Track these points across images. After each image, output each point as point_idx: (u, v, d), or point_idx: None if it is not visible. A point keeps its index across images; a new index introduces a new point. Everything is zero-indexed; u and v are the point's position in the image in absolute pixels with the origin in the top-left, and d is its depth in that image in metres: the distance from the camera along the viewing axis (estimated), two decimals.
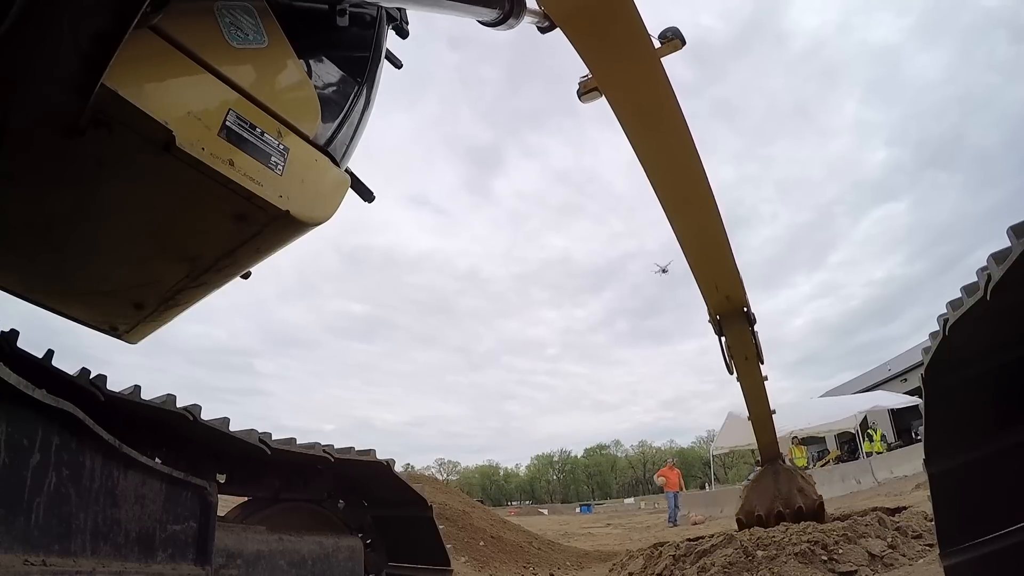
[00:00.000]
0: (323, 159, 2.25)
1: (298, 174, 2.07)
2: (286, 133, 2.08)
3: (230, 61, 1.93)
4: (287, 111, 2.10)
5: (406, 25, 3.09)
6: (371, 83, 2.66)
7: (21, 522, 1.76)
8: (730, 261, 5.12)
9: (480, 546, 10.21)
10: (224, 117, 1.86)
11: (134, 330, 2.50)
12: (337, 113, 2.40)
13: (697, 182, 4.36)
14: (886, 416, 25.04)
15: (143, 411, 2.60)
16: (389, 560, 4.27)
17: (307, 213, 2.08)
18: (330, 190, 2.26)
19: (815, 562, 5.57)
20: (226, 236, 2.05)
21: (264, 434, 3.08)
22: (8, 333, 2.59)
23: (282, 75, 2.16)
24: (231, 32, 1.98)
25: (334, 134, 2.34)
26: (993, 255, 1.86)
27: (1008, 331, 2.32)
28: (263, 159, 1.95)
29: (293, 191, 2.03)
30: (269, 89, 2.05)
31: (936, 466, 2.98)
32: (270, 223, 2.03)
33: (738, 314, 5.64)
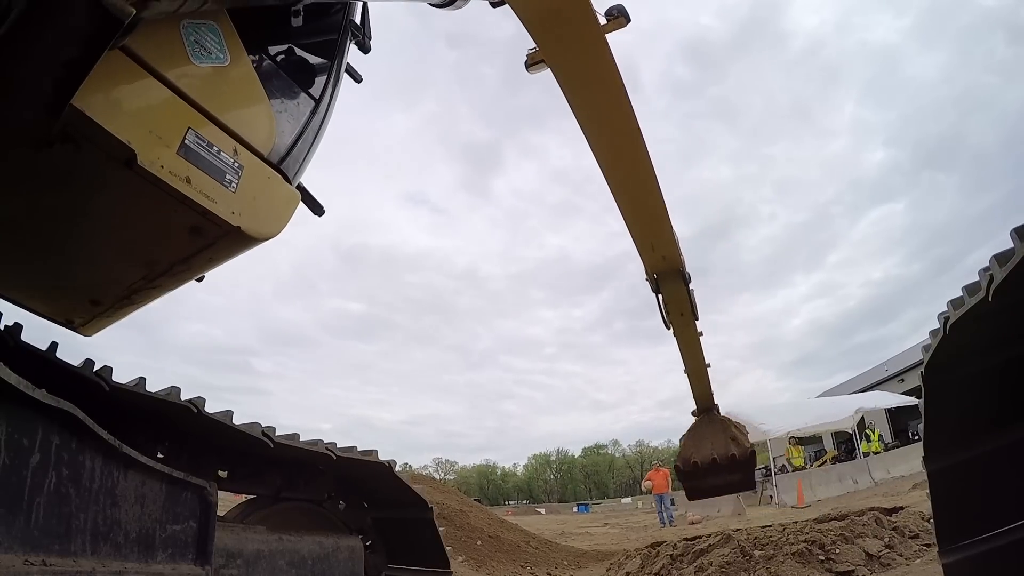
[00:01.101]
0: (275, 176, 2.35)
1: (251, 191, 2.17)
2: (241, 151, 2.18)
3: (192, 79, 2.01)
4: (243, 129, 2.19)
5: (368, 40, 3.19)
6: (328, 100, 2.77)
7: (21, 522, 1.76)
8: (667, 224, 5.36)
9: (478, 546, 10.21)
10: (183, 135, 1.95)
11: (89, 324, 2.60)
12: (292, 131, 2.50)
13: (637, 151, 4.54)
14: (883, 416, 25.12)
15: (147, 403, 2.59)
16: (389, 561, 4.27)
17: (257, 229, 2.20)
18: (280, 207, 2.38)
19: (812, 562, 5.58)
20: (181, 245, 2.15)
21: (267, 428, 3.08)
22: (12, 327, 2.59)
23: (241, 93, 2.24)
24: (195, 50, 2.05)
25: (288, 152, 2.44)
26: (996, 256, 1.87)
27: (1008, 329, 2.33)
28: (218, 177, 2.05)
29: (245, 208, 2.13)
30: (227, 107, 2.14)
31: (935, 464, 2.99)
32: (222, 237, 2.14)
33: (674, 273, 5.90)
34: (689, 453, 6.91)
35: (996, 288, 1.87)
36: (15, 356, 1.77)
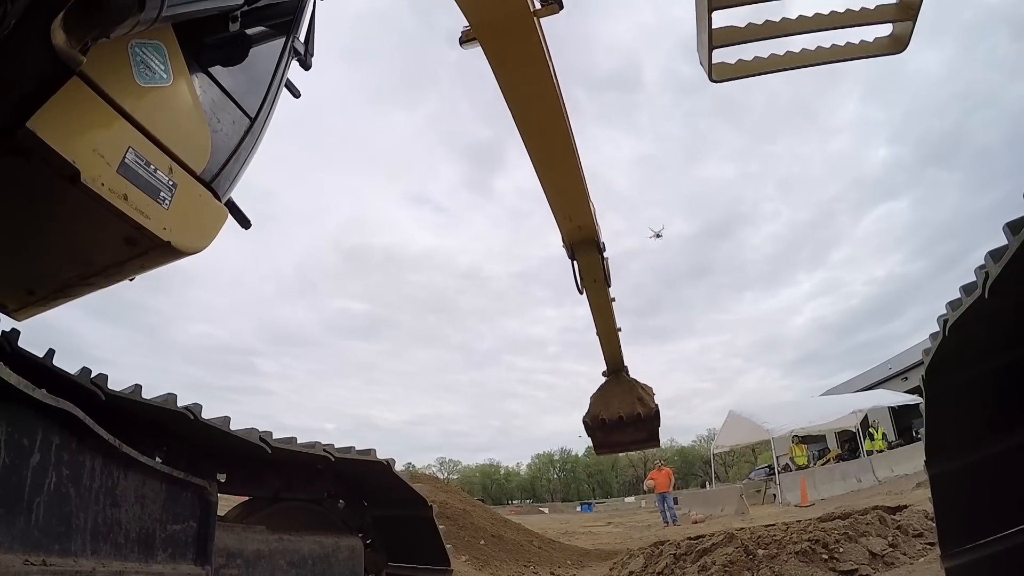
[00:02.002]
0: (206, 194, 2.48)
1: (182, 208, 2.31)
2: (176, 169, 2.30)
3: (135, 99, 2.12)
4: (180, 148, 2.31)
5: (310, 57, 3.31)
6: (264, 118, 2.89)
7: (21, 522, 1.76)
8: (585, 198, 5.65)
9: (481, 545, 10.22)
10: (124, 154, 2.07)
11: (22, 311, 2.69)
12: (227, 149, 2.62)
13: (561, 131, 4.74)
14: (887, 415, 25.03)
15: (144, 410, 2.61)
16: (389, 560, 4.28)
17: (185, 244, 2.35)
18: (208, 224, 2.51)
19: (816, 561, 5.57)
20: (116, 252, 2.29)
21: (265, 433, 3.08)
22: (9, 333, 2.60)
23: (180, 113, 2.36)
24: (140, 70, 2.15)
25: (220, 170, 2.56)
26: (991, 253, 1.85)
27: (1008, 332, 2.32)
28: (153, 194, 2.18)
29: (175, 224, 2.27)
30: (166, 127, 2.25)
31: (937, 467, 2.97)
32: (153, 248, 2.28)
33: (589, 242, 6.28)
34: (598, 411, 7.32)
35: (992, 285, 1.86)
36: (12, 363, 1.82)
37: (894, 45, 2.41)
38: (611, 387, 7.42)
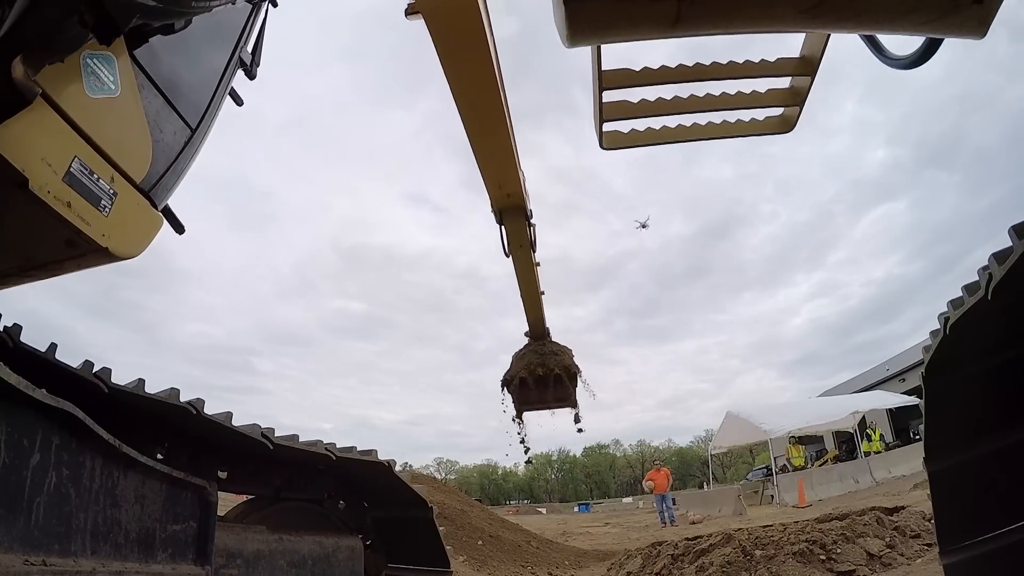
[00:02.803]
0: (144, 202, 2.59)
1: (121, 215, 2.42)
2: (117, 178, 2.40)
3: (84, 110, 2.21)
4: (122, 158, 2.41)
5: (256, 67, 3.44)
6: (206, 128, 3.01)
7: (21, 522, 1.76)
8: (515, 166, 5.97)
9: (478, 545, 10.22)
10: (70, 163, 2.17)
11: None
12: (167, 159, 2.72)
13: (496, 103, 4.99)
14: (884, 416, 25.09)
15: (147, 405, 2.60)
16: (389, 561, 4.28)
17: (121, 250, 2.46)
18: (144, 231, 2.64)
19: (813, 561, 5.58)
20: (56, 250, 2.38)
21: (267, 430, 3.07)
22: (11, 328, 2.60)
23: (125, 124, 2.46)
24: (90, 82, 2.24)
25: (159, 179, 2.68)
26: (995, 254, 1.87)
27: (1008, 329, 2.33)
28: (94, 202, 2.29)
29: (114, 231, 2.38)
30: (111, 137, 2.34)
31: (936, 464, 2.98)
32: (91, 252, 2.39)
33: (518, 209, 6.63)
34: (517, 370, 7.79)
35: (995, 287, 1.87)
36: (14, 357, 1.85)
37: (783, 125, 2.51)
38: (532, 349, 7.87)
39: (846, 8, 1.19)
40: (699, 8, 1.08)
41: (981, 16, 1.30)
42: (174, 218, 2.95)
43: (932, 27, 1.34)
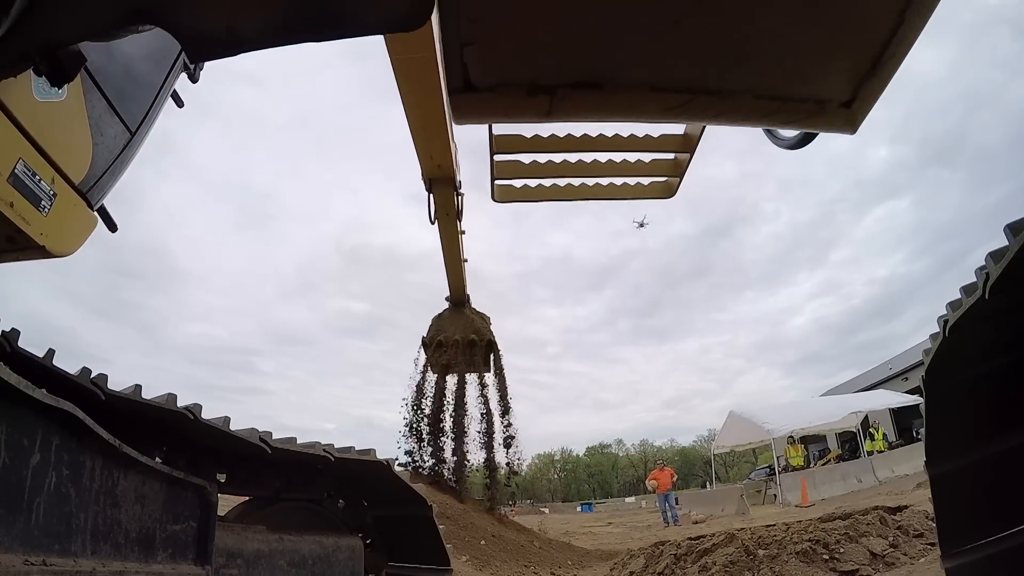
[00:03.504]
0: (81, 203, 2.68)
1: (59, 216, 2.51)
2: (58, 180, 2.48)
3: (31, 114, 2.28)
4: (64, 160, 2.49)
5: (199, 71, 3.53)
6: (145, 131, 3.09)
7: (21, 522, 1.77)
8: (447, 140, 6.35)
9: (481, 545, 10.21)
10: (15, 165, 2.24)
11: None
12: (105, 161, 2.80)
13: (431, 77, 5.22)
14: (887, 415, 25.00)
15: (144, 410, 2.61)
16: (389, 560, 4.28)
17: (57, 248, 2.56)
18: (79, 230, 2.74)
19: (816, 561, 5.57)
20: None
21: (265, 433, 3.08)
22: (9, 332, 2.60)
23: (68, 128, 2.54)
24: (39, 85, 2.29)
25: (97, 181, 2.76)
26: (991, 253, 1.86)
27: (1008, 332, 2.32)
28: (35, 202, 2.37)
29: (51, 230, 2.47)
30: (54, 140, 2.42)
31: (937, 468, 2.97)
32: (29, 249, 2.49)
33: (447, 179, 7.06)
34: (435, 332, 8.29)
35: (993, 286, 1.86)
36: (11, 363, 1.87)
37: (665, 191, 2.61)
38: (452, 314, 8.24)
39: (710, 108, 1.26)
40: (569, 104, 1.17)
41: (849, 117, 1.34)
42: (108, 217, 3.05)
43: (799, 125, 1.40)
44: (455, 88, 1.11)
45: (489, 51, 1.04)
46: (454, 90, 1.11)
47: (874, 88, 1.28)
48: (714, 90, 1.21)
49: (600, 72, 1.13)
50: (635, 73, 1.15)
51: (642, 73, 1.16)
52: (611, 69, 1.13)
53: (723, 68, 1.17)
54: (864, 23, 1.12)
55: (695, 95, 1.21)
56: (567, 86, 1.14)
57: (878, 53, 1.19)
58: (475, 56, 1.05)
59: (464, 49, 1.03)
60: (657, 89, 1.19)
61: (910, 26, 1.14)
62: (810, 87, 1.26)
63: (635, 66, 1.14)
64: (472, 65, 1.07)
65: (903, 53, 1.21)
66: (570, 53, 1.08)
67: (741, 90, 1.23)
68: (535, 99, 1.13)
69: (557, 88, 1.14)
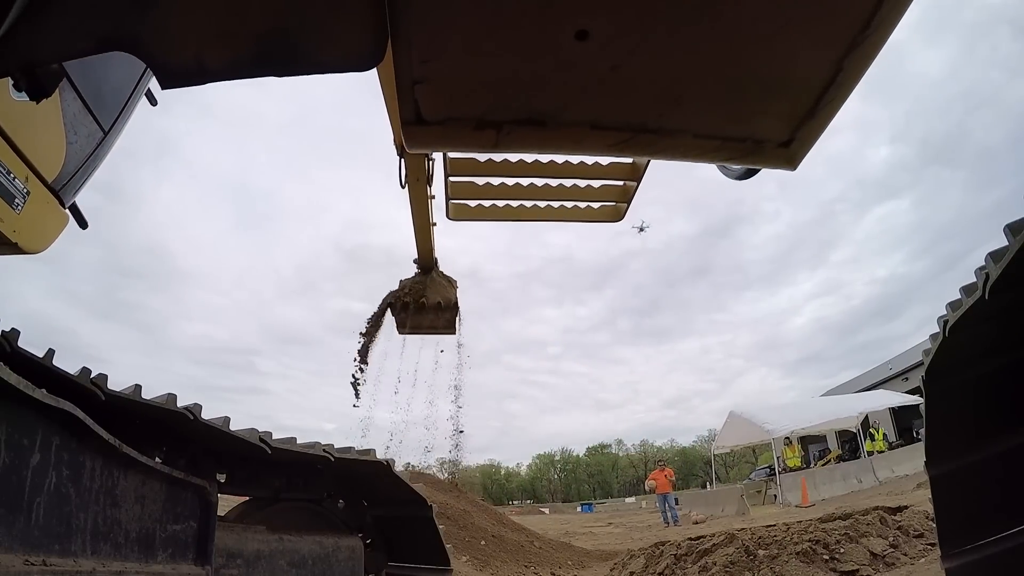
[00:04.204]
0: (53, 201, 2.70)
1: (31, 213, 2.54)
2: (31, 178, 2.50)
3: (6, 112, 2.30)
4: (38, 159, 2.52)
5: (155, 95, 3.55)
6: (118, 130, 3.11)
7: (21, 522, 1.77)
8: None
9: (481, 545, 10.22)
10: None
11: None
12: (78, 160, 2.83)
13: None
14: (887, 415, 25.00)
15: (144, 410, 2.61)
16: (389, 560, 4.28)
17: (29, 246, 2.59)
18: (51, 227, 2.77)
19: (817, 561, 5.57)
20: None
21: (264, 433, 3.08)
22: (9, 332, 2.61)
23: (43, 126, 2.56)
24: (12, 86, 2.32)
25: (70, 179, 2.79)
26: (991, 254, 1.86)
27: (1007, 333, 2.32)
28: (9, 200, 2.40)
29: (23, 227, 2.50)
30: (29, 139, 2.44)
31: (937, 468, 2.97)
32: (1, 245, 2.51)
33: None
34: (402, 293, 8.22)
35: (993, 286, 1.86)
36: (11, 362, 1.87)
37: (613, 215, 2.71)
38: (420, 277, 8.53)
39: (650, 145, 1.33)
40: (514, 138, 1.25)
41: (788, 156, 1.39)
42: (79, 214, 3.08)
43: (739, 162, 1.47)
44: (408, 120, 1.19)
45: (439, 89, 1.13)
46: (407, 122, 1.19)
47: (812, 130, 1.32)
48: (653, 129, 1.28)
49: (542, 111, 1.21)
50: (575, 114, 1.23)
51: (582, 113, 1.23)
52: (553, 109, 1.21)
53: (661, 110, 1.24)
54: (800, 72, 1.17)
55: (635, 133, 1.28)
56: (512, 122, 1.22)
57: (815, 100, 1.24)
58: (426, 93, 1.14)
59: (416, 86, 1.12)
60: (598, 127, 1.26)
61: (848, 75, 1.18)
62: (748, 128, 1.31)
63: (575, 107, 1.21)
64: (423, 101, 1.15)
65: (841, 100, 1.25)
66: (514, 94, 1.16)
67: (680, 130, 1.30)
68: (482, 132, 1.22)
69: (503, 124, 1.22)
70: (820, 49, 1.13)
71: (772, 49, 1.11)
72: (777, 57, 1.14)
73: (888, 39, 1.12)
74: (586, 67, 1.11)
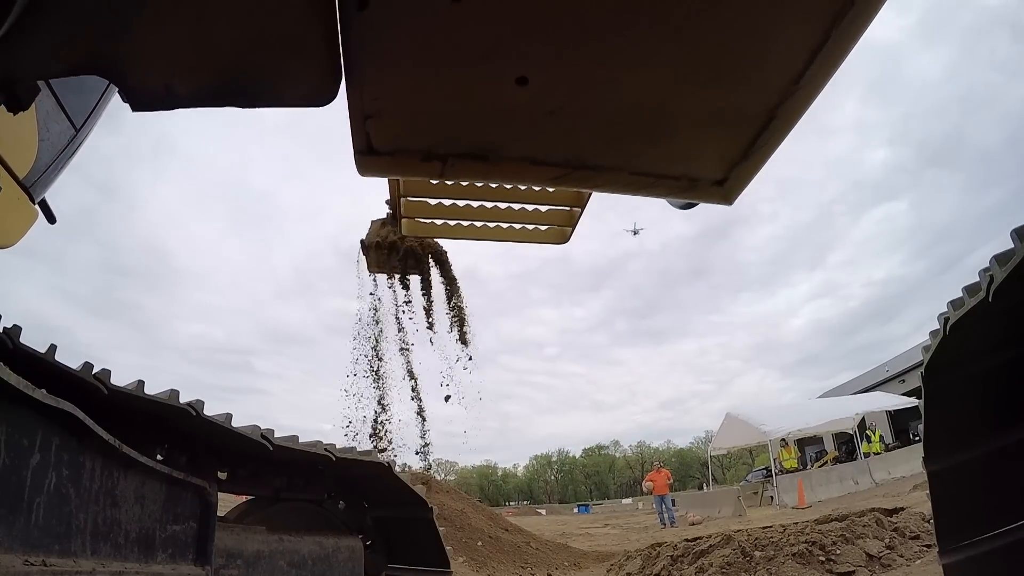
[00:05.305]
0: (23, 197, 2.72)
1: (2, 210, 2.56)
2: (3, 174, 2.52)
3: None
4: (10, 156, 2.54)
5: None
6: (89, 127, 3.13)
7: (21, 522, 1.76)
8: None
9: (478, 546, 10.21)
10: None
11: None
12: (49, 157, 2.84)
13: None
14: (884, 417, 25.08)
15: (146, 406, 2.60)
16: (389, 561, 4.28)
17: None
18: (21, 223, 2.80)
19: (813, 563, 5.58)
20: None
21: (266, 431, 3.07)
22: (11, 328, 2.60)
23: (16, 124, 2.56)
24: None
25: (41, 176, 2.80)
26: (996, 256, 1.87)
27: (1007, 330, 2.34)
28: None
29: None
30: (2, 137, 2.46)
31: (935, 464, 2.99)
32: None
33: None
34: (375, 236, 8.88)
35: (996, 289, 1.88)
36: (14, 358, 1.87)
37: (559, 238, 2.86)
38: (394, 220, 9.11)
39: (588, 180, 1.41)
40: (458, 169, 1.34)
41: (723, 193, 1.45)
42: (48, 210, 3.09)
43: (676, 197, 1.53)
44: (360, 150, 1.28)
45: (388, 124, 1.22)
46: (359, 151, 1.29)
47: (746, 170, 1.37)
48: (591, 166, 1.36)
49: (485, 147, 1.30)
50: (516, 150, 1.32)
51: (522, 151, 1.32)
52: (495, 146, 1.30)
53: (598, 149, 1.33)
54: (733, 118, 1.23)
55: (573, 169, 1.36)
56: (456, 156, 1.31)
57: (748, 144, 1.30)
58: (376, 127, 1.23)
59: (367, 120, 1.21)
60: (537, 163, 1.35)
61: (780, 122, 1.23)
62: (683, 167, 1.38)
63: (516, 144, 1.30)
64: (373, 134, 1.25)
65: (774, 145, 1.31)
66: (458, 131, 1.26)
67: (616, 167, 1.37)
68: (429, 164, 1.31)
69: (448, 156, 1.31)
70: (753, 97, 1.18)
71: (706, 96, 1.18)
72: (711, 103, 1.20)
73: (822, 90, 1.17)
74: (526, 109, 1.20)
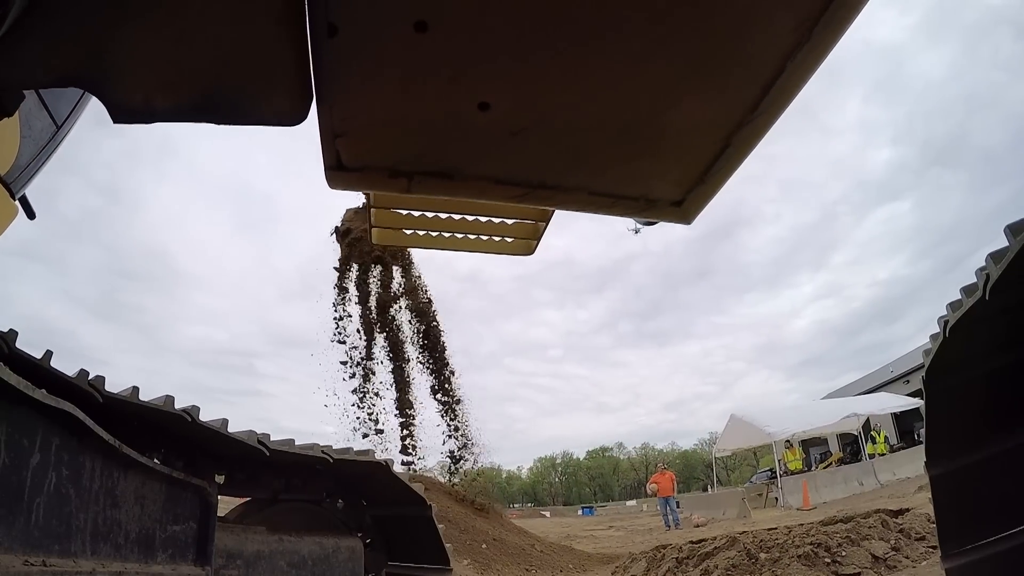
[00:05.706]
0: (4, 194, 2.74)
1: None
2: None
3: None
4: None
5: None
6: (69, 124, 3.15)
7: (21, 522, 1.77)
8: None
9: (482, 549, 10.20)
10: None
11: None
12: (31, 153, 2.87)
13: None
14: (889, 418, 24.94)
15: (141, 412, 2.61)
16: (389, 559, 4.28)
17: None
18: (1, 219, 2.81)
19: (818, 564, 5.55)
20: None
21: (263, 435, 3.08)
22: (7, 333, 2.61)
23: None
24: None
25: (21, 172, 2.83)
26: (991, 254, 1.86)
27: (1008, 332, 2.32)
28: None
29: None
30: None
31: (937, 468, 2.97)
32: None
33: None
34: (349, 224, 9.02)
35: (993, 286, 1.87)
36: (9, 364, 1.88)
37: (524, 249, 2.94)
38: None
39: (550, 199, 1.47)
40: (424, 186, 1.41)
41: (681, 213, 1.50)
42: (28, 206, 3.13)
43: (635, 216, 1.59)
44: (330, 166, 1.35)
45: (356, 142, 1.29)
46: (329, 167, 1.35)
47: (703, 193, 1.43)
48: (551, 186, 1.43)
49: (449, 166, 1.37)
50: (479, 169, 1.39)
51: (485, 170, 1.39)
52: (459, 165, 1.37)
53: (559, 170, 1.39)
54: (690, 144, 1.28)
55: (534, 188, 1.44)
56: (422, 173, 1.38)
57: (704, 169, 1.34)
58: (345, 145, 1.30)
59: (336, 139, 1.28)
60: (500, 182, 1.42)
61: (736, 150, 1.27)
62: (641, 189, 1.44)
63: (479, 164, 1.37)
64: (343, 151, 1.31)
65: (730, 170, 1.36)
66: (423, 150, 1.32)
67: (576, 187, 1.44)
68: (396, 179, 1.38)
69: (414, 174, 1.38)
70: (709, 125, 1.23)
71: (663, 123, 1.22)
72: (668, 130, 1.24)
73: (777, 120, 1.21)
74: (488, 132, 1.26)
